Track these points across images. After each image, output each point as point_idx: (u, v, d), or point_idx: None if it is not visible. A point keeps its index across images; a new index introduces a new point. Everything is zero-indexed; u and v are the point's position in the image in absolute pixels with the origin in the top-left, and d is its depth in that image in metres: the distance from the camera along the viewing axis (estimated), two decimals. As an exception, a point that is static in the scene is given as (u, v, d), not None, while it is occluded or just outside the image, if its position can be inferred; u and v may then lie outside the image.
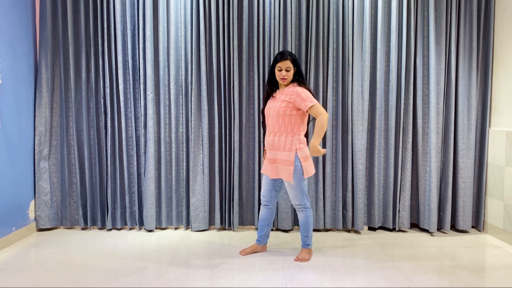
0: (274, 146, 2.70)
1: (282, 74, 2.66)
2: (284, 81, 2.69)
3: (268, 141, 2.74)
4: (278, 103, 2.68)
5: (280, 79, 2.69)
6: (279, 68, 2.67)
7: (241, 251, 2.90)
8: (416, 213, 3.52)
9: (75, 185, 3.46)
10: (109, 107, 3.37)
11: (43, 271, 2.58)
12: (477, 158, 3.47)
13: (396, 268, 2.65)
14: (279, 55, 2.68)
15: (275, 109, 2.68)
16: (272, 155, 2.71)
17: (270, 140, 2.72)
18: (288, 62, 2.65)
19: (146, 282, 2.41)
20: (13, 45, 3.14)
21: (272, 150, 2.71)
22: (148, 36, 3.30)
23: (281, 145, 2.66)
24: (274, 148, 2.70)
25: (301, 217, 2.79)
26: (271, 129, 2.72)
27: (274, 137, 2.69)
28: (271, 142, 2.71)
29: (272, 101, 2.76)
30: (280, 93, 2.74)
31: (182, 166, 3.46)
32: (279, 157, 2.67)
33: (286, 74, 2.66)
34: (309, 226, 2.79)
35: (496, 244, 3.17)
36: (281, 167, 2.67)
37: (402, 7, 3.32)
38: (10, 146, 3.10)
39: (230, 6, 3.30)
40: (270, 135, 2.73)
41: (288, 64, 2.65)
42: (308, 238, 2.80)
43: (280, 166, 2.67)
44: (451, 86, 3.38)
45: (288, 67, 2.66)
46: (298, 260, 2.76)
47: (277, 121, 2.68)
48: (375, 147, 3.40)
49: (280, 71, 2.67)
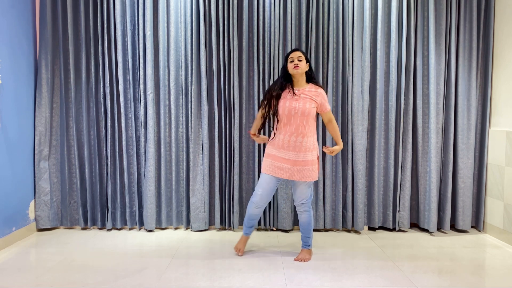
0: (296, 148, 2.63)
1: (294, 63, 2.66)
2: (297, 69, 2.65)
3: (289, 143, 2.64)
4: (307, 103, 2.64)
5: (294, 67, 2.65)
6: (291, 59, 2.68)
7: (238, 250, 2.87)
8: (416, 213, 3.52)
9: (75, 185, 3.47)
10: (109, 107, 3.37)
11: (43, 271, 2.58)
12: (477, 158, 3.47)
13: (396, 268, 2.65)
14: (290, 50, 2.77)
15: (302, 109, 2.63)
16: (294, 157, 2.64)
17: (292, 141, 2.64)
18: (298, 53, 2.69)
19: (146, 282, 2.42)
20: (13, 45, 3.14)
21: (294, 151, 2.64)
22: (148, 36, 3.30)
23: (304, 146, 2.64)
24: (296, 149, 2.63)
25: (304, 218, 2.78)
26: (295, 130, 2.64)
27: (302, 138, 2.63)
28: (295, 144, 2.64)
29: (293, 100, 2.66)
30: (302, 92, 2.69)
31: (182, 166, 3.46)
32: (306, 158, 2.64)
33: (299, 63, 2.66)
34: (311, 227, 2.80)
35: (496, 244, 3.17)
36: (306, 168, 2.64)
37: (402, 7, 3.32)
38: (10, 146, 3.10)
39: (230, 6, 3.30)
40: (293, 136, 2.64)
41: (298, 54, 2.68)
42: (309, 238, 2.81)
43: (305, 167, 2.64)
44: (451, 86, 3.38)
45: (299, 56, 2.68)
46: (298, 260, 2.76)
47: (306, 122, 2.64)
48: (375, 147, 3.40)
49: (292, 62, 2.67)
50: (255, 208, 2.79)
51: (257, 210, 2.80)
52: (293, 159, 2.65)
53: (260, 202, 2.76)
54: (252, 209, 2.80)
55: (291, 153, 2.65)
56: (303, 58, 2.68)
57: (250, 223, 2.86)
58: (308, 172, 2.65)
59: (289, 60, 2.69)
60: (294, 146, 2.64)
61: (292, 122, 2.65)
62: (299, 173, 2.65)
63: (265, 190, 2.73)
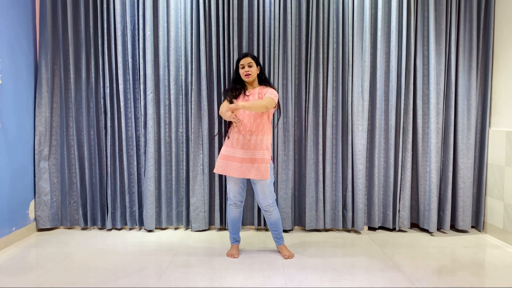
0: (251, 146, 2.67)
1: (245, 70, 2.75)
2: (248, 77, 2.75)
3: (241, 140, 2.68)
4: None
5: (244, 75, 2.75)
6: (242, 66, 2.76)
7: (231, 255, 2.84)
8: (416, 213, 3.52)
9: (75, 185, 3.47)
10: (109, 107, 3.37)
11: (43, 271, 2.58)
12: (477, 158, 3.47)
13: (396, 268, 2.65)
14: (241, 55, 2.82)
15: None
16: (248, 155, 2.67)
17: (244, 139, 2.68)
18: (248, 59, 2.76)
19: (146, 282, 2.42)
20: (13, 45, 3.14)
21: (248, 150, 2.67)
22: (148, 36, 3.30)
23: (258, 144, 2.67)
24: (250, 147, 2.67)
25: (274, 215, 2.80)
26: (247, 129, 2.68)
27: (251, 136, 2.67)
28: (247, 142, 2.67)
29: (243, 101, 2.73)
30: (252, 94, 2.77)
31: (182, 166, 3.46)
32: (257, 156, 2.67)
33: (249, 69, 2.74)
34: (280, 221, 2.87)
35: (496, 244, 3.17)
36: (257, 166, 2.66)
37: (402, 7, 3.32)
38: (10, 146, 3.10)
39: (230, 6, 3.30)
40: (245, 134, 2.67)
41: (249, 60, 2.76)
42: (281, 232, 2.88)
43: (257, 165, 2.66)
44: (451, 86, 3.38)
45: (250, 62, 2.76)
46: (288, 258, 2.80)
47: (254, 121, 2.69)
48: (375, 147, 3.40)
49: (243, 68, 2.75)
50: (234, 208, 2.84)
51: (236, 211, 2.85)
52: (241, 156, 2.68)
53: (236, 201, 2.82)
54: (231, 212, 2.86)
55: (239, 151, 2.69)
56: (253, 64, 2.76)
57: (234, 228, 2.89)
58: (257, 170, 2.66)
59: (240, 66, 2.78)
60: (243, 144, 2.68)
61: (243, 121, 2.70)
62: (248, 171, 2.67)
63: (236, 188, 2.79)
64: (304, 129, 3.41)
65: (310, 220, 3.41)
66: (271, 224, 2.85)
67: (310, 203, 3.40)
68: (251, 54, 2.80)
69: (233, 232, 2.90)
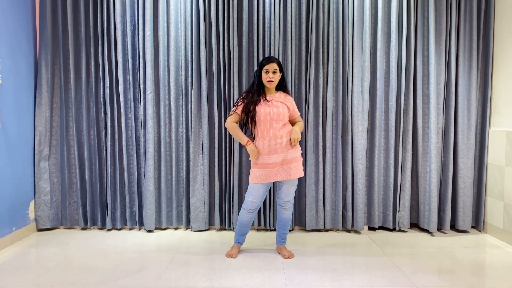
0: (278, 150, 2.70)
1: (269, 76, 2.72)
2: (271, 84, 2.74)
3: (269, 147, 2.68)
4: (280, 108, 2.73)
5: (268, 81, 2.73)
6: (266, 71, 2.73)
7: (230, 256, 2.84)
8: (416, 213, 3.52)
9: (75, 185, 3.47)
10: (109, 107, 3.37)
11: (43, 271, 2.58)
12: (477, 158, 3.47)
13: (396, 268, 2.65)
14: (266, 59, 2.76)
15: (279, 114, 2.72)
16: (283, 157, 2.71)
17: (274, 144, 2.68)
18: (274, 65, 2.73)
19: (146, 282, 2.42)
20: (13, 45, 3.14)
21: (276, 154, 2.69)
22: (148, 36, 3.30)
23: (286, 146, 2.72)
24: (278, 151, 2.69)
25: (288, 214, 2.83)
26: (273, 134, 2.69)
27: (281, 139, 2.70)
28: (275, 147, 2.69)
29: (267, 106, 2.73)
30: (273, 98, 2.78)
31: (182, 166, 3.46)
32: (292, 156, 2.73)
33: (273, 76, 2.72)
34: (290, 223, 2.91)
35: (496, 244, 3.17)
36: (292, 166, 2.72)
37: (402, 7, 3.32)
38: (10, 146, 3.10)
39: (230, 6, 3.30)
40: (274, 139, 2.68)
41: (275, 67, 2.73)
42: (286, 234, 2.91)
43: (290, 165, 2.72)
44: (451, 86, 3.38)
45: (275, 69, 2.73)
46: (288, 258, 2.81)
47: (282, 125, 2.74)
48: (375, 147, 3.40)
49: (267, 74, 2.72)
50: (247, 214, 2.80)
51: (249, 216, 2.81)
52: (278, 160, 2.70)
53: (252, 207, 2.77)
54: (244, 216, 2.81)
55: (273, 156, 2.70)
56: (277, 71, 2.74)
57: (242, 230, 2.88)
58: (295, 169, 2.73)
59: (263, 70, 2.74)
60: (276, 149, 2.70)
61: (269, 127, 2.72)
62: (286, 172, 2.71)
63: (255, 197, 2.76)
64: (304, 129, 3.41)
65: (310, 220, 3.41)
66: (281, 221, 2.85)
67: (310, 203, 3.40)
68: (277, 60, 2.75)
69: (240, 233, 2.88)
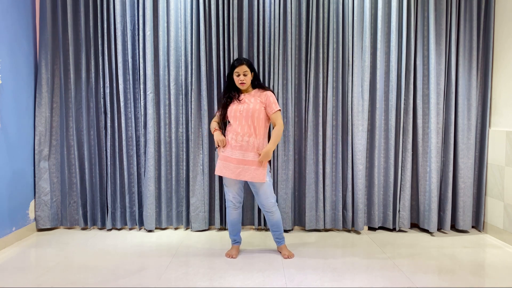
0: (243, 147, 2.69)
1: (240, 78, 2.77)
2: (243, 86, 2.78)
3: (237, 142, 2.70)
4: (252, 105, 2.72)
5: (239, 84, 2.77)
6: (237, 74, 2.77)
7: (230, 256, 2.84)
8: (416, 213, 3.52)
9: (75, 185, 3.47)
10: (109, 107, 3.37)
11: (43, 271, 2.58)
12: (477, 158, 3.47)
13: (396, 268, 2.65)
14: (236, 61, 2.80)
15: (248, 111, 2.71)
16: (241, 156, 2.69)
17: (240, 141, 2.70)
18: (244, 67, 2.77)
19: (146, 282, 2.42)
20: (13, 45, 3.14)
21: (241, 151, 2.70)
22: (148, 36, 3.30)
23: (249, 147, 2.69)
24: (242, 149, 2.69)
25: (275, 216, 2.82)
26: (243, 131, 2.70)
27: (248, 137, 2.69)
28: (241, 144, 2.70)
29: (239, 104, 2.76)
30: (247, 96, 2.79)
31: (182, 166, 3.46)
32: (250, 158, 2.68)
33: (244, 78, 2.76)
34: (281, 222, 2.89)
35: (496, 244, 3.17)
36: (252, 168, 2.67)
37: (402, 7, 3.32)
38: (10, 146, 3.10)
39: (230, 6, 3.30)
40: (242, 136, 2.70)
41: (245, 69, 2.77)
42: (282, 233, 2.89)
43: (251, 167, 2.67)
44: (451, 86, 3.38)
45: (245, 71, 2.77)
46: (287, 258, 2.81)
47: (252, 123, 2.71)
48: (375, 147, 3.39)
49: (238, 76, 2.77)
50: (232, 210, 2.84)
51: (235, 213, 2.84)
52: (239, 158, 2.69)
53: (235, 203, 2.82)
54: (229, 214, 2.86)
55: (236, 152, 2.71)
56: (248, 72, 2.78)
57: (234, 230, 2.89)
58: (256, 172, 2.67)
59: (235, 74, 2.78)
60: (241, 146, 2.70)
61: (238, 123, 2.73)
62: (244, 173, 2.68)
63: (235, 190, 2.79)
64: (304, 129, 3.41)
65: (310, 220, 3.41)
66: (272, 225, 2.85)
67: (310, 203, 3.40)
68: (246, 61, 2.79)
69: (233, 233, 2.90)
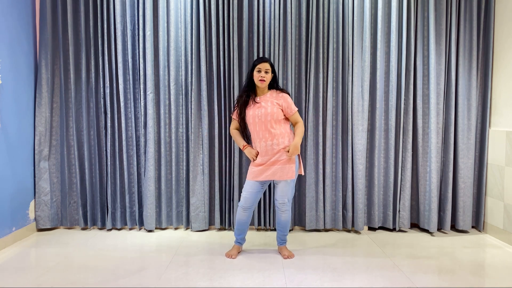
0: (268, 152, 2.70)
1: (261, 75, 2.73)
2: (262, 83, 2.74)
3: (263, 148, 2.71)
4: (269, 108, 2.71)
5: (259, 80, 2.74)
6: (258, 70, 2.74)
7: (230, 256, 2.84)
8: (416, 213, 3.52)
9: (75, 185, 3.47)
10: (109, 107, 3.37)
11: (43, 271, 2.58)
12: (477, 158, 3.47)
13: (396, 268, 2.65)
14: (258, 59, 2.80)
15: (267, 115, 2.70)
16: (268, 159, 2.70)
17: (264, 146, 2.71)
18: (267, 64, 2.75)
19: (146, 282, 2.41)
20: (13, 45, 3.14)
21: (267, 156, 2.71)
22: (148, 36, 3.30)
23: (277, 149, 2.69)
24: (269, 153, 2.70)
25: (285, 216, 2.82)
26: (264, 136, 2.71)
27: (272, 141, 2.69)
28: (266, 148, 2.70)
29: (255, 108, 2.75)
30: (263, 99, 2.77)
31: (182, 166, 3.46)
32: (279, 158, 2.69)
33: (265, 75, 2.74)
34: (289, 224, 2.90)
35: (496, 244, 3.17)
36: (282, 167, 2.68)
37: (402, 7, 3.32)
38: (10, 146, 3.10)
39: (230, 6, 3.30)
40: (265, 141, 2.70)
41: (267, 66, 2.75)
42: (286, 235, 2.91)
43: (281, 166, 2.68)
44: (451, 86, 3.38)
45: (267, 69, 2.75)
46: (287, 258, 2.81)
47: (271, 127, 2.71)
48: (375, 147, 3.40)
49: (259, 72, 2.74)
50: (243, 211, 2.81)
51: (245, 214, 2.82)
52: (268, 161, 2.70)
53: (246, 204, 2.79)
54: (239, 214, 2.83)
55: (265, 157, 2.72)
56: (269, 71, 2.76)
57: (239, 230, 2.88)
58: (286, 170, 2.68)
59: (256, 69, 2.76)
60: (266, 150, 2.71)
61: (258, 128, 2.73)
62: (273, 173, 2.69)
63: (249, 192, 2.77)
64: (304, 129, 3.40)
65: (310, 220, 3.41)
66: (280, 224, 2.85)
67: (310, 203, 3.40)
68: (269, 60, 2.78)
69: (238, 233, 2.89)
